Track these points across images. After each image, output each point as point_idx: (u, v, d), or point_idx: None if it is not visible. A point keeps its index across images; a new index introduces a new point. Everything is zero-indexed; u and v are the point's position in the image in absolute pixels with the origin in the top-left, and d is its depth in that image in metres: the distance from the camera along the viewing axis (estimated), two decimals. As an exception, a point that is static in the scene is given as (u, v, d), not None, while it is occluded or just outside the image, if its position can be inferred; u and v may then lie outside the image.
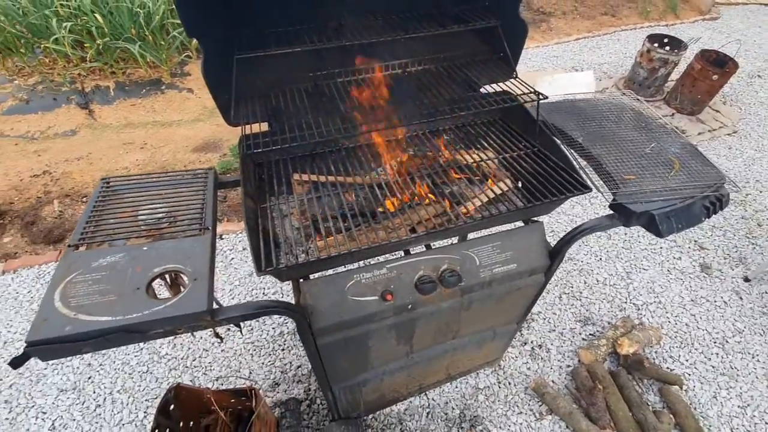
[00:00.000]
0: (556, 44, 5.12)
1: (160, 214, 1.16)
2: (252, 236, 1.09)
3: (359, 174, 1.42)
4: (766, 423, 2.09)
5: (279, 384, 2.15)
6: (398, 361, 1.63)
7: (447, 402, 2.12)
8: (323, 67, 1.46)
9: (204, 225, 1.12)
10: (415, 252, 1.30)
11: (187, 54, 4.36)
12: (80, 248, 1.04)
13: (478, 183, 1.44)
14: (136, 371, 2.17)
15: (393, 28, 1.36)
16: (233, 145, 3.50)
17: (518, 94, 1.41)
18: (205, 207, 1.19)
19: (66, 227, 2.82)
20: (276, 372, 2.19)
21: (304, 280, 1.21)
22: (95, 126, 3.66)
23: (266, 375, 2.18)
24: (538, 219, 1.46)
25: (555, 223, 3.07)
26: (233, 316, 0.99)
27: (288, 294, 2.58)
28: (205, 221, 1.14)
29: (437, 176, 1.41)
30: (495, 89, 1.52)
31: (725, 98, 4.39)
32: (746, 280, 2.73)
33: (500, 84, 1.52)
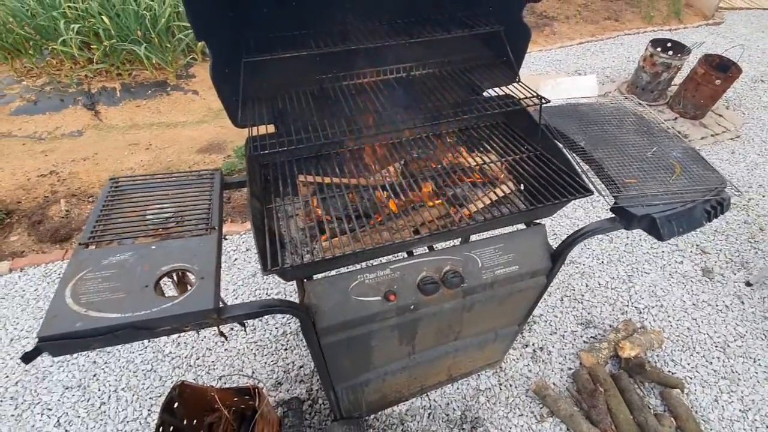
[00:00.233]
0: (559, 48, 5.14)
1: (168, 214, 1.18)
2: (258, 236, 1.11)
3: (363, 176, 1.44)
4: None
5: (282, 384, 2.16)
6: (400, 362, 1.64)
7: (448, 403, 2.13)
8: (329, 71, 1.48)
9: (210, 225, 1.14)
10: (418, 253, 1.32)
11: (193, 56, 4.41)
12: (90, 246, 1.06)
13: (481, 185, 1.46)
14: (141, 369, 2.19)
15: (397, 33, 1.38)
16: (237, 147, 3.53)
17: (521, 98, 1.43)
18: (212, 207, 1.21)
19: (72, 226, 2.85)
20: (279, 372, 2.21)
21: (309, 280, 1.23)
22: (101, 127, 3.70)
23: (269, 374, 2.20)
24: (540, 221, 1.47)
25: (557, 227, 3.08)
26: (239, 314, 1.01)
27: (290, 295, 2.59)
28: (212, 221, 1.16)
29: (440, 178, 1.43)
30: (498, 93, 1.54)
31: (728, 103, 4.39)
32: (748, 285, 2.73)
33: (503, 88, 1.54)
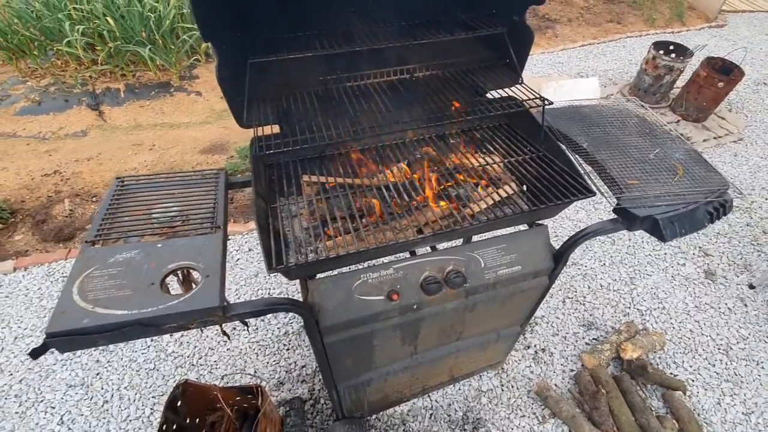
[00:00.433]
0: (562, 51, 5.15)
1: (173, 213, 1.19)
2: (263, 235, 1.12)
3: (367, 176, 1.45)
4: (770, 430, 2.09)
5: (283, 383, 2.17)
6: (402, 361, 1.65)
7: (450, 404, 2.13)
8: (333, 72, 1.49)
9: (215, 223, 1.15)
10: (421, 253, 1.32)
11: (196, 58, 4.43)
12: (97, 244, 1.07)
13: (484, 186, 1.47)
14: (143, 368, 2.20)
15: (401, 35, 1.39)
16: (240, 147, 3.55)
17: (524, 100, 1.43)
18: (217, 206, 1.22)
19: (76, 226, 2.87)
20: (281, 371, 2.21)
21: (312, 279, 1.24)
22: (105, 127, 3.72)
23: (271, 374, 2.20)
24: (543, 222, 1.48)
25: (559, 228, 3.08)
26: (244, 312, 1.02)
27: (292, 295, 2.60)
28: (217, 220, 1.17)
29: (444, 179, 1.44)
30: (501, 95, 1.55)
31: (731, 105, 4.39)
32: (751, 287, 2.73)
33: (506, 89, 1.54)
